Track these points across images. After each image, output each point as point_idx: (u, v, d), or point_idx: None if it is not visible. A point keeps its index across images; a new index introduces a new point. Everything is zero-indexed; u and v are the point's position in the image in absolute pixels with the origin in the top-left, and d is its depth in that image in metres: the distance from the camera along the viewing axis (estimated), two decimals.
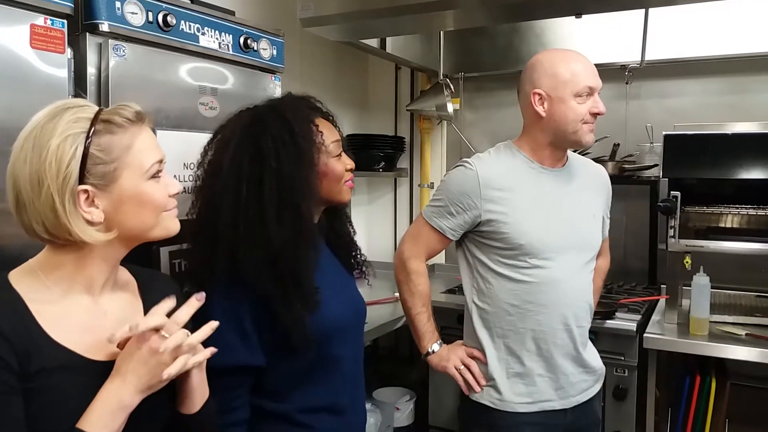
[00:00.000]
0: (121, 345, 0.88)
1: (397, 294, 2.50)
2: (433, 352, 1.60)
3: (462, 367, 1.56)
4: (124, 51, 1.35)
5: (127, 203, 0.90)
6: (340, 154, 1.28)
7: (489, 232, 1.49)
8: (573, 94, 1.45)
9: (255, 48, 1.67)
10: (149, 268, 1.29)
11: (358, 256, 1.41)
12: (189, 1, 1.56)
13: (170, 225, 0.97)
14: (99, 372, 0.88)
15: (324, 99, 1.32)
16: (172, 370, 0.87)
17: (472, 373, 1.55)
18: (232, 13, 1.67)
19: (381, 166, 3.06)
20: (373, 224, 3.43)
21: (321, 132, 1.22)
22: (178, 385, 0.96)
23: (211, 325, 0.93)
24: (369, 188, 3.42)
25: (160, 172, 0.95)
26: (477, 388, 1.54)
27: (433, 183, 3.24)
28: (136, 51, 1.38)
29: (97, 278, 0.93)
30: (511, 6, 2.05)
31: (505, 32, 2.97)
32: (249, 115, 1.21)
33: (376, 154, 3.03)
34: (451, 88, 2.94)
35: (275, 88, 1.74)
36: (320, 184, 1.21)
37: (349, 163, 1.30)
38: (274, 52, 1.74)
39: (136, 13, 1.38)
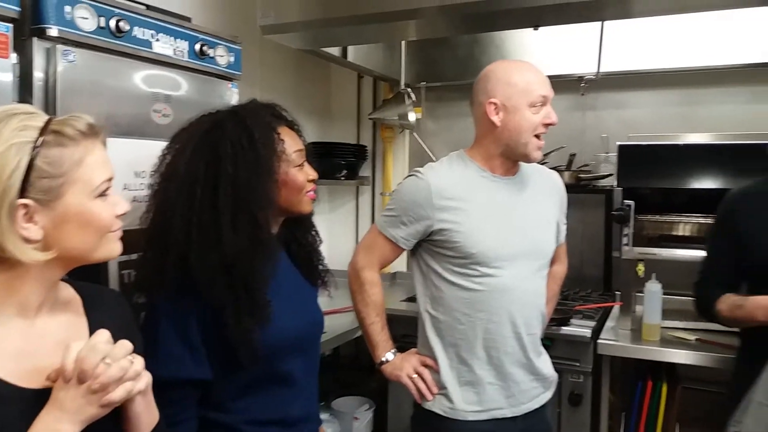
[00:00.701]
0: (53, 377, 0.83)
1: None
2: (387, 361, 1.60)
3: (415, 375, 1.56)
4: (73, 56, 1.32)
5: (70, 222, 0.85)
6: (302, 164, 1.26)
7: (441, 241, 1.50)
8: (528, 103, 1.46)
9: (211, 55, 1.65)
10: (96, 279, 1.28)
11: (320, 266, 1.40)
12: (144, 7, 1.54)
13: (114, 247, 0.92)
14: (34, 401, 0.81)
15: (285, 106, 1.31)
16: (114, 398, 0.82)
17: (425, 381, 1.55)
18: (188, 19, 1.65)
19: (343, 174, 3.07)
20: (335, 233, 3.42)
21: (282, 140, 1.21)
22: (123, 411, 0.90)
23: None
24: (330, 197, 3.42)
25: (109, 189, 0.90)
26: (429, 396, 1.54)
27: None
28: (86, 56, 1.35)
29: (32, 300, 0.87)
30: (471, 17, 2.08)
31: (467, 43, 3.01)
32: (209, 120, 1.20)
33: (338, 163, 3.03)
34: (412, 98, 2.96)
35: (232, 96, 1.73)
36: (279, 193, 1.20)
37: (312, 174, 1.28)
38: (232, 59, 1.72)
39: (87, 18, 1.35)
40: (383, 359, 1.60)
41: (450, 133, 3.13)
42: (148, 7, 1.55)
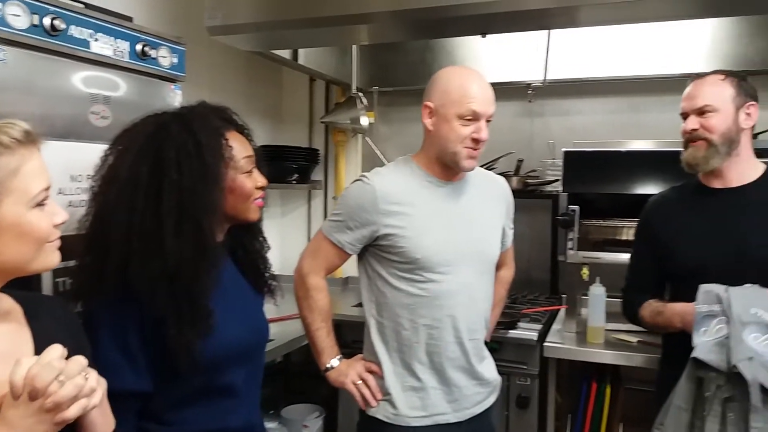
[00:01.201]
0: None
1: None
2: (332, 367, 1.59)
3: (359, 381, 1.55)
4: (3, 54, 1.26)
5: (5, 233, 0.82)
6: (251, 171, 1.23)
7: (387, 246, 1.50)
8: (456, 115, 1.45)
9: (153, 56, 1.61)
10: (29, 288, 1.22)
11: (267, 274, 1.37)
12: (83, 6, 1.48)
13: (52, 258, 0.90)
14: None
15: (235, 109, 1.28)
16: (67, 416, 0.79)
17: (369, 387, 1.54)
18: (130, 19, 1.60)
19: (294, 178, 3.04)
20: (287, 237, 3.38)
21: (231, 146, 1.18)
22: (78, 425, 0.87)
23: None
24: (282, 201, 3.38)
25: (47, 199, 0.87)
26: (373, 402, 1.53)
27: None
28: (18, 55, 1.29)
29: None
30: (422, 23, 2.10)
31: (419, 49, 3.03)
32: (154, 122, 1.16)
33: (289, 166, 3.00)
34: (364, 102, 2.96)
35: (175, 97, 1.69)
36: (226, 200, 1.17)
37: (261, 181, 1.25)
38: (175, 60, 1.68)
39: (20, 16, 1.29)
40: (328, 365, 1.59)
41: (402, 137, 3.14)
42: (86, 5, 1.49)
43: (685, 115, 1.60)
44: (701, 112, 1.55)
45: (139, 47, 1.56)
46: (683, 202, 1.66)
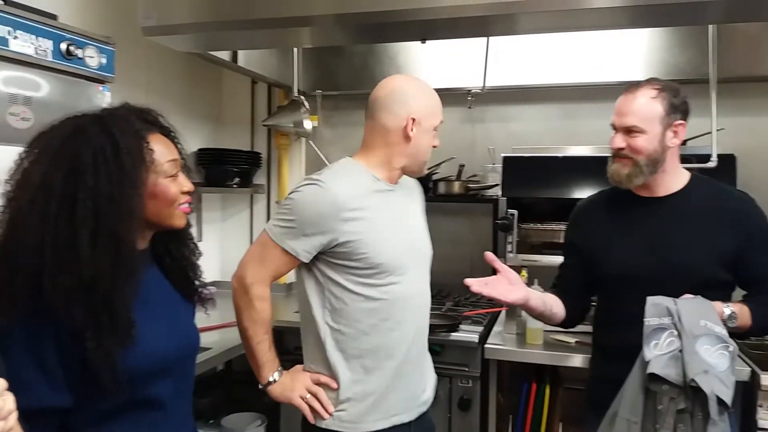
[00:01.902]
0: None
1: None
2: (274, 381, 1.53)
3: (308, 395, 1.50)
4: None
5: None
6: (176, 175, 1.18)
7: (346, 252, 1.45)
8: (433, 126, 1.54)
9: (80, 55, 1.54)
10: None
11: (197, 281, 1.32)
12: (2, 2, 1.41)
13: None
14: None
15: (174, 111, 1.23)
16: None
17: (320, 400, 1.49)
18: (54, 17, 1.53)
19: (236, 182, 2.98)
20: (228, 243, 3.31)
21: (152, 150, 1.13)
22: None
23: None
24: (223, 204, 3.31)
25: None
26: (326, 415, 1.49)
27: None
28: None
29: None
30: (363, 27, 2.09)
31: (362, 53, 3.03)
32: (71, 125, 1.10)
33: (230, 170, 2.94)
34: (306, 105, 2.93)
35: (103, 99, 1.62)
36: (148, 206, 1.13)
37: (186, 186, 1.20)
38: (103, 61, 1.62)
39: None
40: (270, 379, 1.53)
41: (346, 141, 3.13)
42: (6, 2, 1.42)
43: (614, 128, 1.62)
44: (628, 130, 1.57)
45: (63, 46, 1.50)
46: (610, 209, 1.70)
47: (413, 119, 1.50)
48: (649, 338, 1.41)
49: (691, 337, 1.37)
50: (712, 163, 2.23)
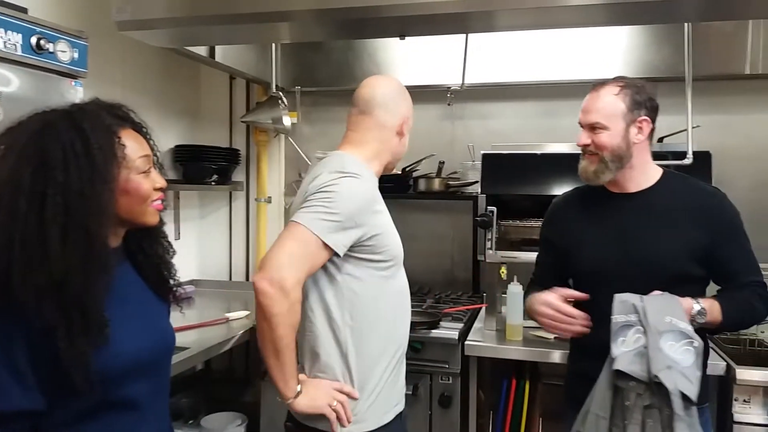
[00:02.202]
0: None
1: (229, 315, 2.40)
2: (300, 392, 1.41)
3: (335, 403, 1.42)
4: None
5: None
6: (148, 171, 1.16)
7: (373, 246, 1.44)
8: (410, 127, 1.62)
9: (51, 50, 1.51)
10: None
11: (172, 280, 1.29)
12: None
13: None
14: None
15: (150, 107, 1.22)
16: None
17: (345, 409, 1.43)
18: (24, 10, 1.49)
19: (214, 179, 2.95)
20: (206, 240, 3.28)
21: (124, 145, 1.11)
22: None
23: None
24: (201, 202, 3.27)
25: None
26: (346, 424, 1.44)
27: (270, 197, 3.18)
28: None
29: None
30: (341, 22, 2.07)
31: (341, 49, 3.02)
32: (40, 120, 1.07)
33: (208, 167, 2.91)
34: (284, 101, 2.91)
35: (76, 94, 1.59)
36: (120, 203, 1.10)
37: (159, 182, 1.18)
38: (75, 55, 1.59)
39: None
40: (298, 389, 1.41)
41: (326, 138, 3.11)
42: None
43: (581, 125, 1.64)
44: (592, 127, 1.59)
45: (33, 40, 1.46)
46: (584, 206, 1.71)
47: (406, 122, 1.60)
48: (617, 335, 1.43)
49: (655, 333, 1.39)
50: (688, 160, 2.26)
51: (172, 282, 1.27)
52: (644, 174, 1.63)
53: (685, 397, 1.34)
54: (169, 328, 1.26)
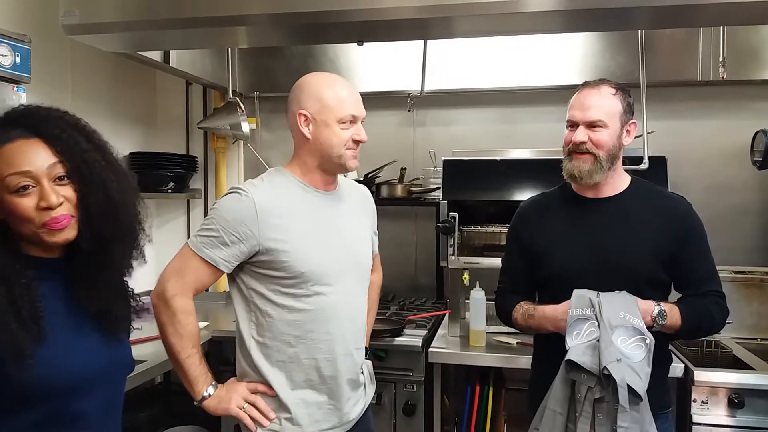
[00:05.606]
0: None
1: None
2: (209, 395, 1.47)
3: (246, 405, 1.46)
4: None
5: None
6: (24, 190, 1.00)
7: (268, 261, 1.43)
8: (337, 120, 1.47)
9: None
10: None
11: (118, 307, 1.21)
12: None
13: None
14: None
15: (102, 114, 1.15)
16: None
17: (259, 408, 1.47)
18: None
19: (170, 187, 2.87)
20: (163, 250, 3.12)
21: None
22: None
23: None
24: (158, 211, 3.18)
25: None
26: (265, 422, 1.46)
27: None
28: None
29: None
30: (298, 27, 2.05)
31: (301, 55, 2.98)
32: None
33: (164, 174, 2.84)
34: (241, 107, 2.86)
35: (18, 100, 1.52)
36: (11, 223, 1.02)
37: (46, 200, 1.01)
38: (17, 60, 1.52)
39: None
40: (205, 394, 1.47)
41: (286, 144, 2.98)
42: None
43: (573, 124, 1.61)
44: (592, 125, 1.57)
45: None
46: (554, 210, 1.70)
47: (304, 115, 1.48)
48: (572, 328, 1.46)
49: (608, 327, 1.41)
50: (644, 165, 2.30)
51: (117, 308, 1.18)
52: (620, 179, 1.65)
53: (632, 392, 1.36)
54: (123, 344, 1.19)
